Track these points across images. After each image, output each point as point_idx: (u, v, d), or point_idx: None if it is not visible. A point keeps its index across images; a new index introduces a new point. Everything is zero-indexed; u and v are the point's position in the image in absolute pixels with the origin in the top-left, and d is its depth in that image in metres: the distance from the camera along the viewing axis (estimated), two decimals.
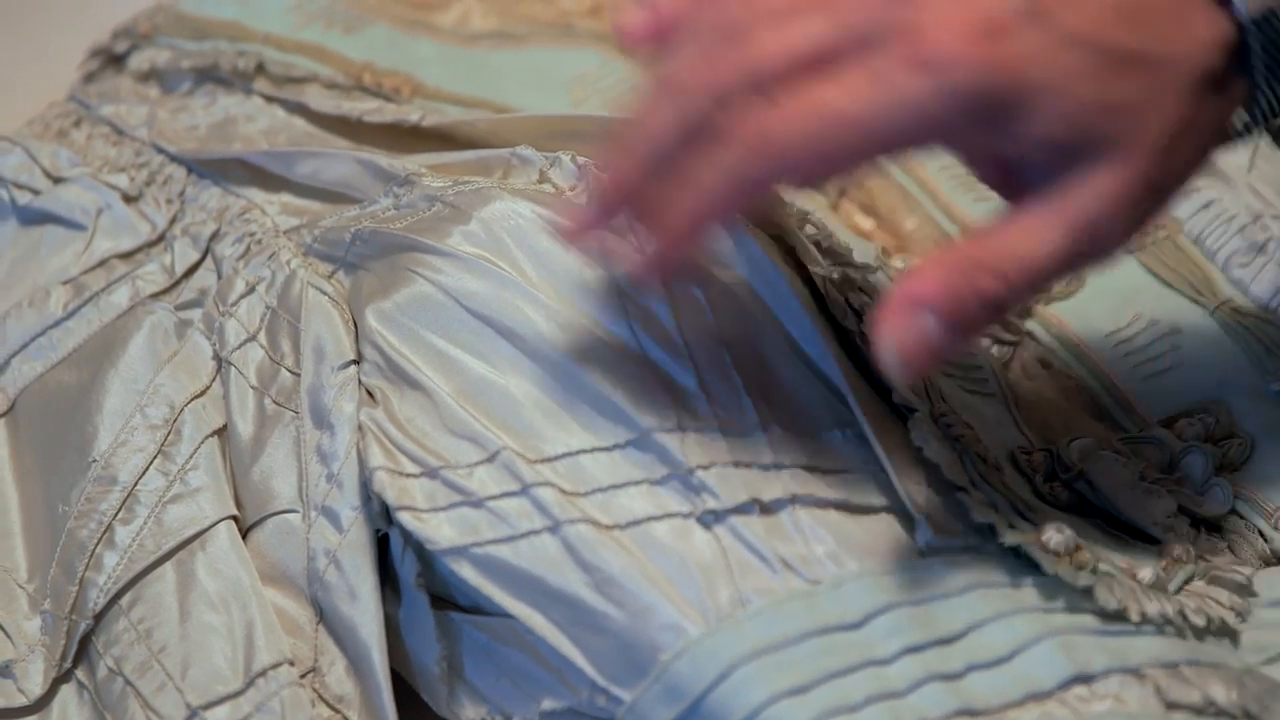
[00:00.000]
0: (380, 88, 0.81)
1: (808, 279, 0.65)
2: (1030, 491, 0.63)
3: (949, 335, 0.53)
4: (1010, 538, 0.58)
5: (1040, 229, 0.53)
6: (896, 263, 0.72)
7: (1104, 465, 0.65)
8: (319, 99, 0.79)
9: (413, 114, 0.76)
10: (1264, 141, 0.76)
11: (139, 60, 0.83)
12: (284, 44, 0.83)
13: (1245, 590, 0.60)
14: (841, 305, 0.64)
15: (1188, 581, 0.60)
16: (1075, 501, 0.64)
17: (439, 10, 0.87)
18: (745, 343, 0.62)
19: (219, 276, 0.72)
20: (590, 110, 0.82)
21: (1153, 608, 0.58)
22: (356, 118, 0.77)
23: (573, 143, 0.68)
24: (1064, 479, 0.64)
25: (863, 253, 0.67)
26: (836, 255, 0.65)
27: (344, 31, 0.84)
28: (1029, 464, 0.64)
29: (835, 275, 0.64)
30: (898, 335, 0.53)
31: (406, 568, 0.62)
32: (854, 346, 0.64)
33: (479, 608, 0.61)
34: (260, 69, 0.81)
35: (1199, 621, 0.58)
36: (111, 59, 0.84)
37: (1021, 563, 0.58)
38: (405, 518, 0.60)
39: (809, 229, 0.66)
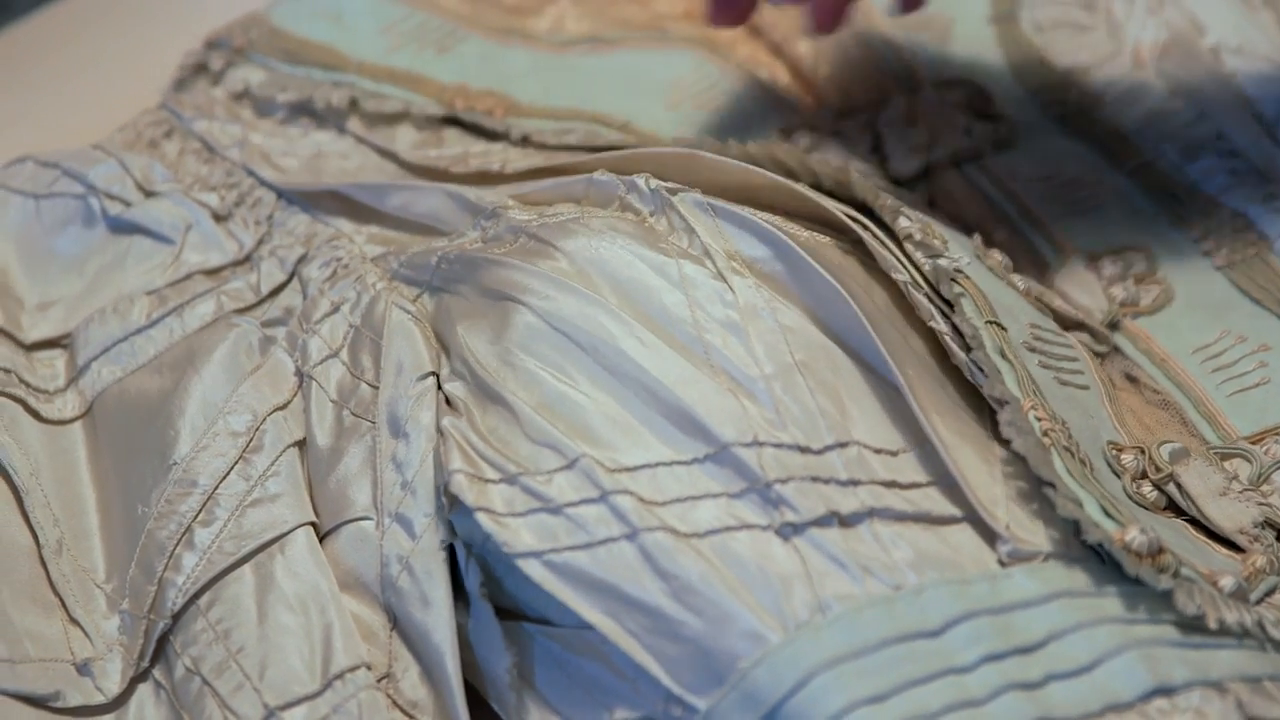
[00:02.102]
0: (473, 110, 0.82)
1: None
2: (1119, 489, 0.63)
3: None
4: (1093, 535, 0.58)
5: None
6: (996, 255, 0.71)
7: (1194, 469, 0.64)
8: (408, 146, 0.80)
9: (495, 162, 0.77)
10: None
11: (233, 80, 0.83)
12: (377, 72, 0.83)
13: None
14: (927, 308, 0.64)
15: (1269, 594, 0.60)
16: (1163, 503, 0.64)
17: (533, 16, 0.87)
18: (819, 366, 0.62)
19: (304, 298, 0.73)
20: (686, 114, 0.83)
21: (1231, 616, 0.57)
22: (444, 168, 0.78)
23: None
24: (1154, 480, 0.64)
25: (959, 246, 0.67)
26: (930, 248, 0.65)
27: (437, 51, 0.84)
28: (1119, 462, 0.64)
29: (927, 267, 0.64)
30: None
31: (470, 578, 0.62)
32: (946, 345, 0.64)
33: (548, 620, 0.61)
34: (354, 105, 0.82)
35: (1279, 635, 0.57)
36: (203, 69, 0.85)
37: (1103, 572, 0.58)
38: (483, 519, 0.60)
39: (902, 221, 0.66)
